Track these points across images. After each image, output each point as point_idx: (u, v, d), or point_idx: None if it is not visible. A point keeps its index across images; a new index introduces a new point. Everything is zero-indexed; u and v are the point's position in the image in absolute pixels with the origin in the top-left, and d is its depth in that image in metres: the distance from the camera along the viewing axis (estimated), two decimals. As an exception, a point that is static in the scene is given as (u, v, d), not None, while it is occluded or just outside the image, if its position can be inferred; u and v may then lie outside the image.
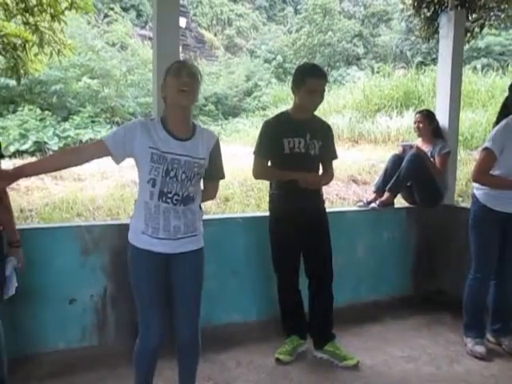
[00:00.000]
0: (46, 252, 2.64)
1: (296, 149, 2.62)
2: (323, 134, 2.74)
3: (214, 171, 2.01)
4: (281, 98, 16.12)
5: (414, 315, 3.38)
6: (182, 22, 17.49)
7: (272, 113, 14.82)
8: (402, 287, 3.73)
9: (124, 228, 2.01)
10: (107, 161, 1.97)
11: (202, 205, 2.04)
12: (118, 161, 1.89)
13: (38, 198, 6.41)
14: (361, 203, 3.72)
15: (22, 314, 2.59)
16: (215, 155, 1.98)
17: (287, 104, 14.98)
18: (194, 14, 21.69)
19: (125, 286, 2.75)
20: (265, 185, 6.89)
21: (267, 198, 2.84)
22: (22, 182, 6.53)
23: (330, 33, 20.33)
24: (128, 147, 1.84)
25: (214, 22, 22.38)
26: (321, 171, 2.82)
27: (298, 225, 2.68)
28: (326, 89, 2.75)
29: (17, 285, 2.11)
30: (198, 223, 1.97)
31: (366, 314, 3.36)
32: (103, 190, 6.80)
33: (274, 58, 20.54)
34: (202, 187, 2.02)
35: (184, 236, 1.90)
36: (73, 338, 2.75)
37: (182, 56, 2.95)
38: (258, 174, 2.78)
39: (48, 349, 2.68)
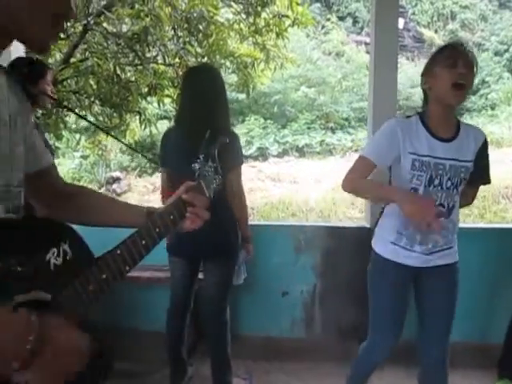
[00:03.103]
0: (264, 247, 2.90)
1: None
2: None
3: (479, 174, 1.74)
4: (515, 94, 13.99)
5: None
6: (400, 22, 16.93)
7: (501, 111, 12.96)
8: None
9: (334, 231, 2.07)
10: (320, 164, 2.05)
11: None
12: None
13: (258, 198, 7.15)
14: None
15: (243, 300, 2.93)
16: (482, 156, 1.72)
17: (522, 101, 12.86)
18: (413, 13, 20.73)
19: (333, 286, 2.84)
20: (491, 193, 6.07)
21: (493, 208, 2.49)
22: (247, 183, 7.38)
23: None
24: (394, 155, 1.68)
25: (435, 18, 20.93)
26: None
27: None
28: None
29: (245, 275, 2.39)
30: (455, 235, 1.77)
31: None
32: (316, 192, 7.13)
33: (507, 50, 17.95)
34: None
35: (439, 250, 1.73)
36: (283, 327, 2.97)
37: (399, 58, 2.84)
38: None
39: (262, 333, 2.96)
